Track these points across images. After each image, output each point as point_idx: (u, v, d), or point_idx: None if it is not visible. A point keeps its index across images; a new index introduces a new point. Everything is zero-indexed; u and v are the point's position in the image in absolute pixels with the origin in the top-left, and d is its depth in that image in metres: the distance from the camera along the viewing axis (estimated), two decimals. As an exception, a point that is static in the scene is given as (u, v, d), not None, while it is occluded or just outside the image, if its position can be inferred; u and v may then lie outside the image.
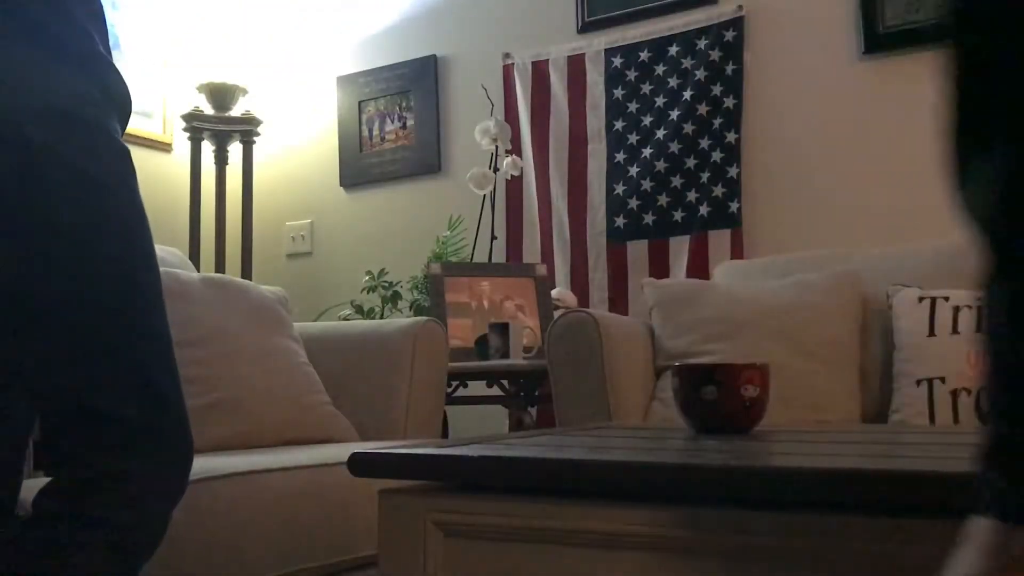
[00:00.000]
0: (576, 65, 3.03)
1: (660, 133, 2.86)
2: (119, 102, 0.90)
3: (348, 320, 2.71)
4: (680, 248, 2.82)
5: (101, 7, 0.91)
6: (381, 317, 2.82)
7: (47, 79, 0.81)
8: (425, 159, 3.32)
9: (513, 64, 3.14)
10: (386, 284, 2.88)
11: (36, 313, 0.78)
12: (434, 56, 3.32)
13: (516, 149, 3.01)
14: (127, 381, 0.83)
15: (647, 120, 2.90)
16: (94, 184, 0.82)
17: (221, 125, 3.17)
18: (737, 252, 2.72)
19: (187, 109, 3.14)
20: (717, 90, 2.80)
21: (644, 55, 2.93)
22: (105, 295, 0.83)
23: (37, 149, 0.79)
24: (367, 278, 2.93)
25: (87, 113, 0.83)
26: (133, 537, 0.83)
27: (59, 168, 0.80)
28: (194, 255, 3.05)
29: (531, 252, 3.07)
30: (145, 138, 3.22)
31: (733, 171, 2.76)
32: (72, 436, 0.79)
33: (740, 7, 2.80)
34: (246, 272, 3.20)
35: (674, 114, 2.85)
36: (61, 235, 0.80)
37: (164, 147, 3.33)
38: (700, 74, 2.82)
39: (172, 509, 0.88)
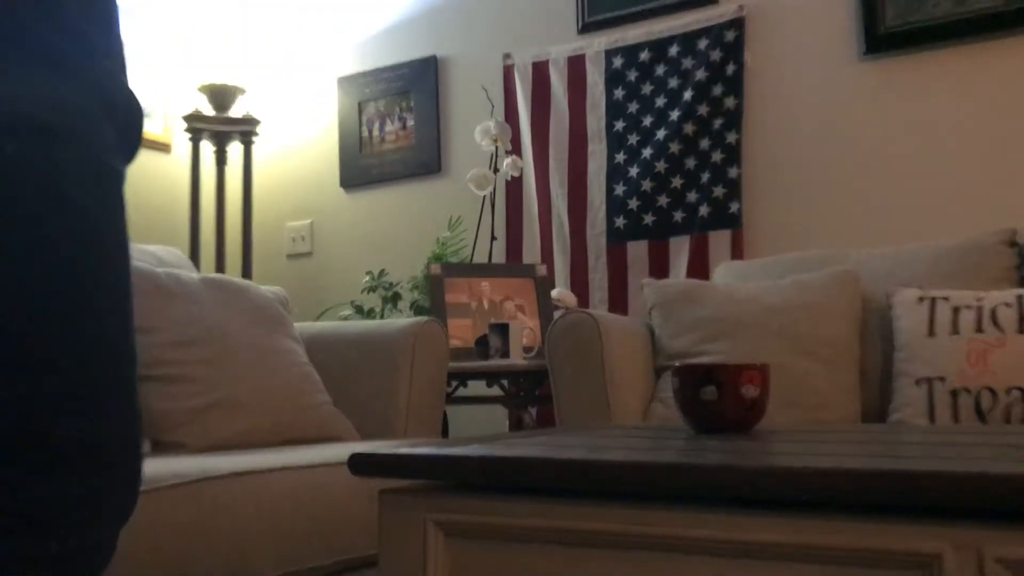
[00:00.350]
0: (576, 65, 3.04)
1: (660, 133, 2.86)
2: (121, 112, 0.85)
3: (348, 320, 2.71)
4: (680, 248, 2.82)
5: (110, 14, 0.87)
6: (381, 317, 2.82)
7: (29, 89, 0.77)
8: (425, 159, 3.32)
9: (513, 64, 3.14)
10: (386, 284, 2.89)
11: None
12: (434, 56, 3.33)
13: (516, 149, 3.01)
14: (73, 399, 0.77)
15: (647, 120, 2.90)
16: (63, 202, 0.77)
17: (221, 125, 3.17)
18: (737, 252, 2.72)
19: (187, 109, 3.14)
20: (717, 90, 2.80)
21: (644, 55, 2.93)
22: (58, 313, 0.77)
23: (8, 160, 0.75)
24: (367, 278, 2.93)
25: (69, 126, 0.78)
26: (74, 567, 0.78)
27: (29, 182, 0.75)
28: (194, 255, 3.06)
29: (531, 252, 3.07)
30: (145, 138, 3.22)
31: (733, 171, 2.76)
32: (8, 458, 0.73)
33: (740, 7, 2.80)
34: (246, 272, 3.20)
35: (674, 114, 2.85)
36: (20, 249, 0.75)
37: (164, 147, 3.33)
38: (700, 74, 2.82)
39: (118, 530, 0.82)
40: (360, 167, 3.45)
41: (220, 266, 3.15)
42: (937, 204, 2.53)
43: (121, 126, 0.85)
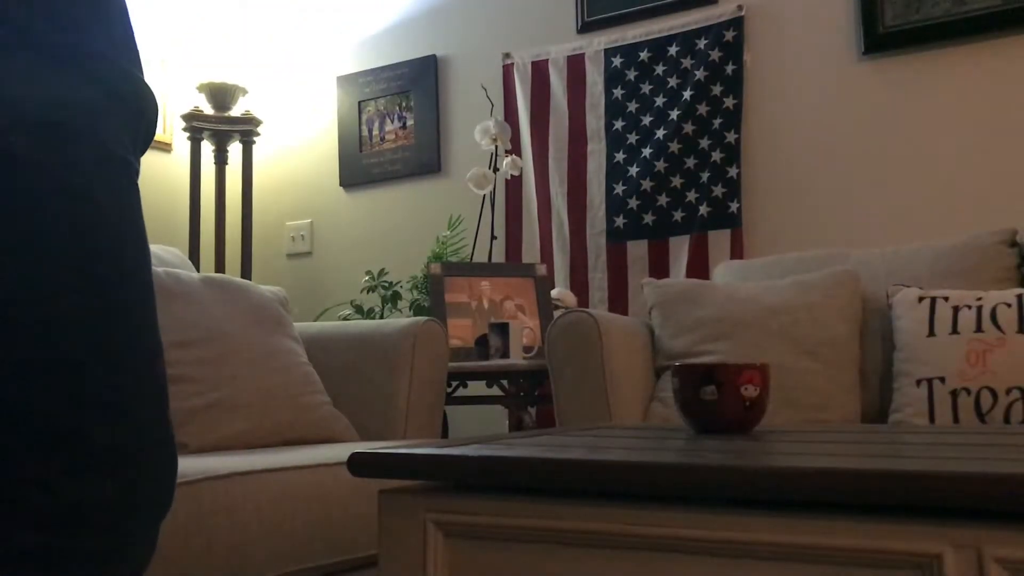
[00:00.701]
0: (576, 65, 3.04)
1: (660, 133, 2.86)
2: (129, 103, 0.84)
3: (348, 320, 2.71)
4: (680, 248, 2.82)
5: (115, 6, 0.86)
6: (381, 317, 2.82)
7: (35, 86, 0.76)
8: (425, 159, 3.32)
9: (513, 64, 3.14)
10: (386, 284, 2.88)
11: (4, 323, 0.73)
12: (434, 56, 3.32)
13: (516, 149, 3.01)
14: (101, 397, 0.77)
15: (647, 120, 2.90)
16: (78, 197, 0.77)
17: (221, 125, 3.17)
18: (737, 252, 2.72)
19: (187, 109, 3.14)
20: (717, 90, 2.80)
21: (644, 55, 2.93)
22: (80, 310, 0.77)
23: (20, 160, 0.74)
24: (367, 278, 2.93)
25: (78, 123, 0.78)
26: (109, 564, 0.76)
27: (42, 180, 0.75)
28: (194, 255, 3.06)
29: (531, 252, 3.07)
30: (145, 138, 3.22)
31: (733, 171, 2.76)
32: (38, 460, 0.72)
33: (740, 7, 2.80)
34: (246, 272, 3.20)
35: (674, 114, 2.85)
36: (40, 249, 0.75)
37: (164, 147, 3.33)
38: (700, 74, 2.82)
39: (157, 526, 0.82)
40: (360, 167, 3.45)
41: (220, 266, 3.15)
42: (937, 204, 2.53)
43: (130, 117, 0.84)
